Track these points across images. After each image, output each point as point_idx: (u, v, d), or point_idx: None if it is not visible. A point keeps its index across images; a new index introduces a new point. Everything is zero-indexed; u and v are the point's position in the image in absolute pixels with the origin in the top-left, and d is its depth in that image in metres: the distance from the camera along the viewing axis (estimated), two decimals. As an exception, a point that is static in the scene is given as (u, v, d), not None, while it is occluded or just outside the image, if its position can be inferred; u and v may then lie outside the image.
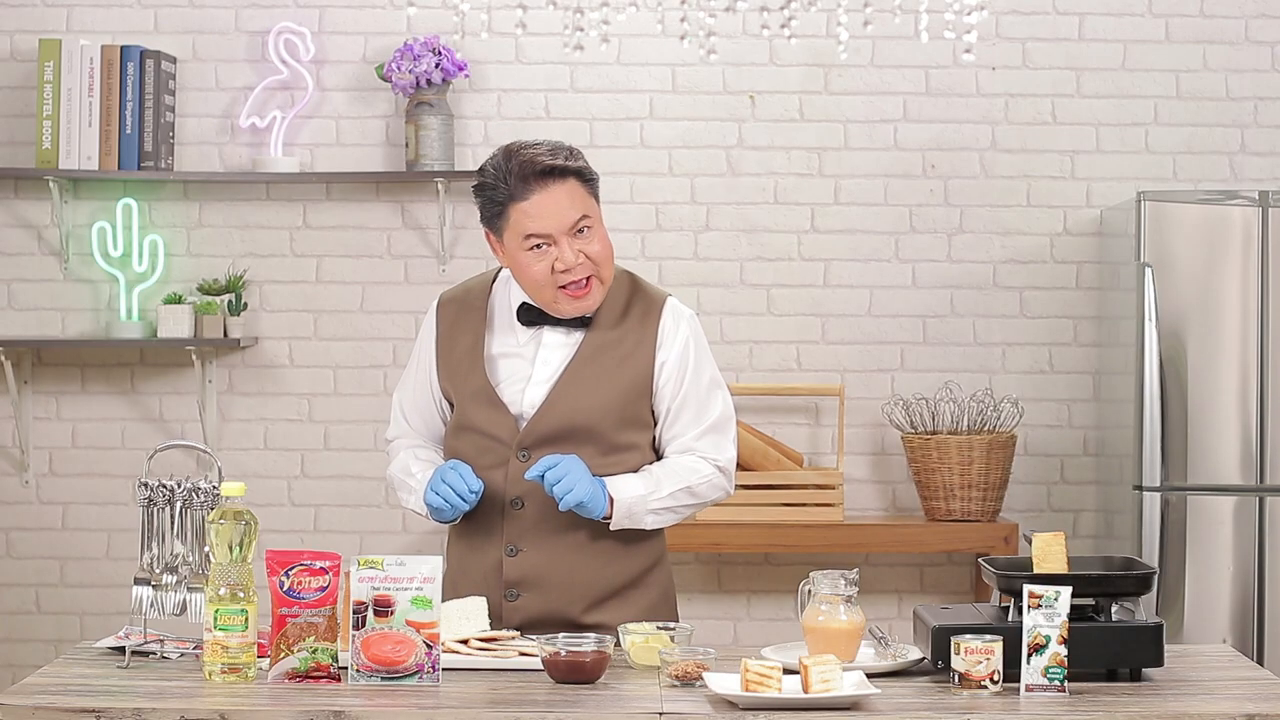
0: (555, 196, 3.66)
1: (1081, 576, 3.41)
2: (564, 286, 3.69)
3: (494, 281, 3.85)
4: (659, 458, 3.81)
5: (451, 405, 3.83)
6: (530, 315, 3.76)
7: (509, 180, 3.68)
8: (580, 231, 3.68)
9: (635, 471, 3.74)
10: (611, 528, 3.70)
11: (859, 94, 5.97)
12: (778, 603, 5.98)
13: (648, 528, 3.74)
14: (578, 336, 3.75)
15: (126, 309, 5.90)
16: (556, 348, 3.75)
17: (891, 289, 5.98)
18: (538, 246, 3.67)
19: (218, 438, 5.95)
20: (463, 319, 3.82)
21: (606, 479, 3.69)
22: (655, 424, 3.79)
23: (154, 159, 5.80)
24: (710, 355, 3.83)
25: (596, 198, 3.74)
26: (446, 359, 3.81)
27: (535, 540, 3.72)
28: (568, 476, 3.60)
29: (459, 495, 3.66)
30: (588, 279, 3.70)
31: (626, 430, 3.74)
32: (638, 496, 3.69)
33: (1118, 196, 5.91)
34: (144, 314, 5.91)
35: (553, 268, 3.67)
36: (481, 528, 3.75)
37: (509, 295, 3.81)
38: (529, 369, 3.75)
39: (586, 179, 3.71)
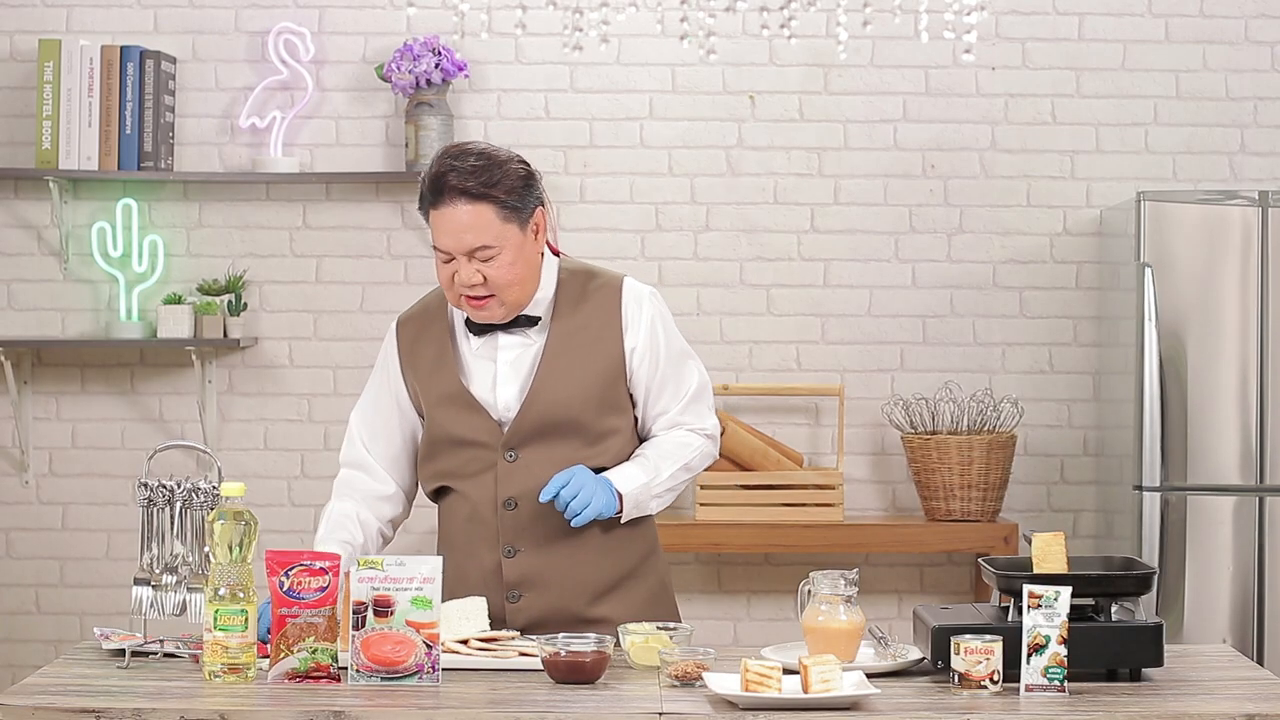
0: (457, 218, 3.61)
1: (1081, 576, 3.41)
2: (465, 294, 3.67)
3: None
4: (641, 438, 3.82)
5: (422, 420, 3.82)
6: (478, 324, 3.75)
7: (428, 185, 3.65)
8: (483, 258, 3.62)
9: (620, 454, 3.75)
10: (622, 521, 3.72)
11: (859, 94, 5.97)
12: (778, 603, 5.98)
13: (653, 512, 3.78)
14: (534, 334, 3.74)
15: (126, 309, 5.90)
16: (514, 348, 3.74)
17: (891, 289, 5.98)
18: (442, 257, 3.66)
19: (218, 438, 5.95)
20: (425, 333, 3.81)
21: (609, 474, 3.70)
22: (634, 406, 3.79)
23: (154, 159, 5.80)
24: (675, 328, 3.82)
25: (523, 223, 3.64)
26: (414, 374, 3.79)
27: (531, 539, 3.71)
28: (582, 492, 3.61)
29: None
30: (485, 297, 3.66)
31: (607, 416, 3.74)
32: (642, 486, 3.71)
33: (1118, 196, 5.91)
34: (144, 314, 5.92)
35: (453, 278, 3.65)
36: (476, 533, 3.75)
37: None
38: (493, 370, 3.74)
39: (505, 206, 3.62)
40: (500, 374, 3.73)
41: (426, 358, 3.78)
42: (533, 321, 3.73)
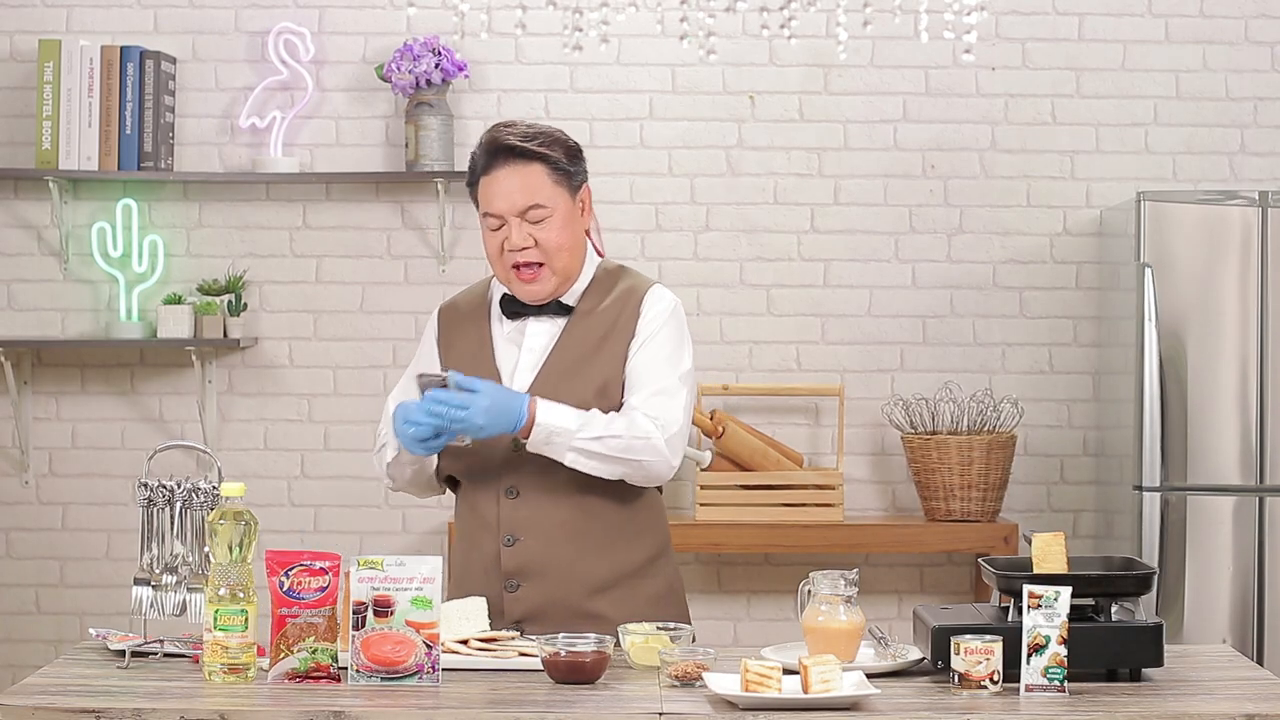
0: (512, 178, 3.69)
1: (1081, 576, 3.41)
2: (515, 267, 3.71)
3: (492, 279, 3.87)
4: None
5: None
6: (513, 306, 3.77)
7: (480, 153, 3.73)
8: (534, 219, 3.68)
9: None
10: (528, 448, 3.63)
11: (859, 94, 5.97)
12: (778, 603, 5.98)
13: (566, 463, 3.64)
14: (561, 322, 3.76)
15: (126, 309, 5.90)
16: (540, 335, 3.76)
17: (891, 289, 5.98)
18: (493, 224, 3.70)
19: (218, 438, 5.95)
20: (464, 320, 3.84)
21: (544, 402, 3.61)
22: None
23: (154, 159, 5.80)
24: (683, 339, 3.77)
25: (573, 190, 3.73)
26: (448, 358, 3.81)
27: (532, 529, 3.71)
28: (469, 411, 3.53)
29: (409, 427, 3.59)
30: (538, 265, 3.70)
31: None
32: (562, 428, 3.60)
33: (1118, 196, 5.91)
34: (144, 314, 5.92)
35: (503, 246, 3.70)
36: (479, 520, 3.76)
37: (497, 290, 3.83)
38: (517, 355, 3.76)
39: (557, 168, 3.71)
40: (522, 359, 3.75)
41: (462, 342, 3.81)
42: (566, 310, 3.75)
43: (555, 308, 3.76)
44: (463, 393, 3.56)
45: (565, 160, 3.73)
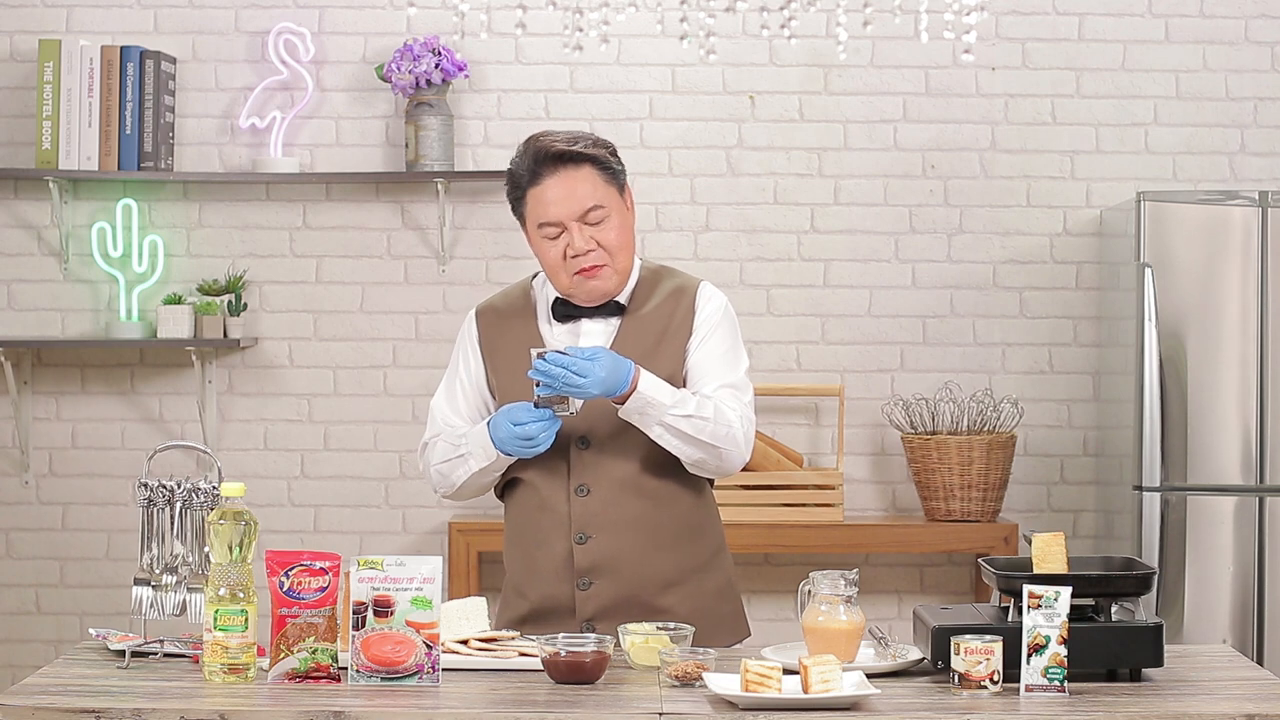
0: (567, 183, 3.69)
1: (1081, 576, 3.41)
2: (578, 271, 3.71)
3: (533, 280, 3.88)
4: None
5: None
6: (566, 309, 3.78)
7: (526, 166, 3.73)
8: (594, 221, 3.70)
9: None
10: (619, 414, 3.66)
11: (859, 94, 5.97)
12: (778, 603, 5.98)
13: (653, 437, 3.68)
14: (615, 322, 3.77)
15: (126, 309, 5.90)
16: (595, 335, 3.77)
17: (891, 289, 5.98)
18: (551, 233, 3.70)
19: (218, 438, 5.95)
20: (507, 321, 3.84)
21: (646, 373, 3.64)
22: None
23: (154, 159, 5.80)
24: (737, 335, 3.82)
25: (620, 188, 3.75)
26: (494, 360, 3.81)
27: (604, 526, 3.72)
28: (590, 376, 3.56)
29: (521, 429, 3.62)
30: (601, 265, 3.71)
31: None
32: (657, 401, 3.63)
33: (1118, 196, 5.92)
34: (144, 314, 5.92)
35: (565, 253, 3.70)
36: (547, 521, 3.75)
37: (545, 293, 3.83)
38: None
39: (605, 168, 3.72)
40: None
41: (510, 345, 3.79)
42: (619, 310, 3.76)
43: (609, 308, 3.77)
44: (581, 361, 3.56)
45: (611, 160, 3.75)
